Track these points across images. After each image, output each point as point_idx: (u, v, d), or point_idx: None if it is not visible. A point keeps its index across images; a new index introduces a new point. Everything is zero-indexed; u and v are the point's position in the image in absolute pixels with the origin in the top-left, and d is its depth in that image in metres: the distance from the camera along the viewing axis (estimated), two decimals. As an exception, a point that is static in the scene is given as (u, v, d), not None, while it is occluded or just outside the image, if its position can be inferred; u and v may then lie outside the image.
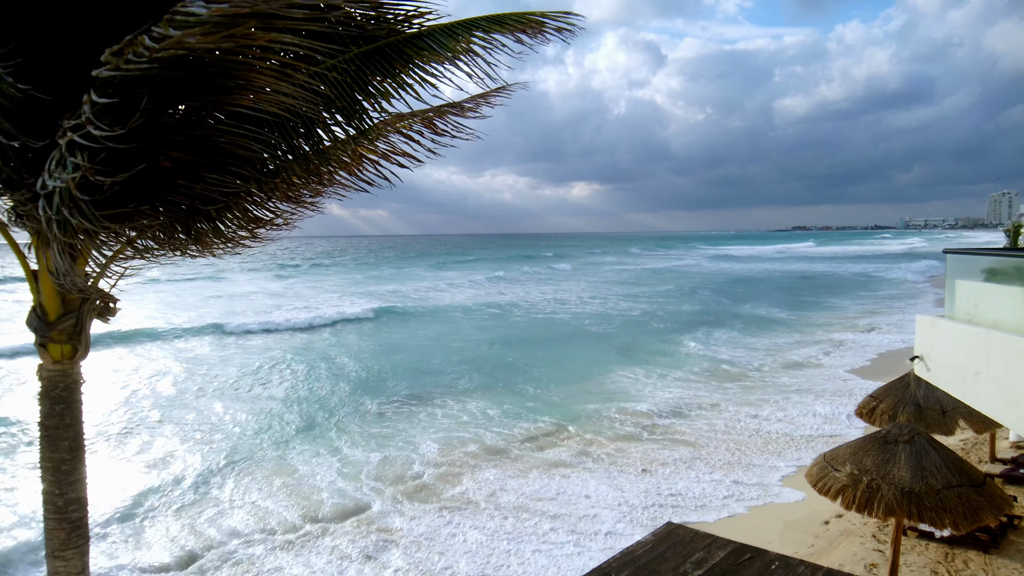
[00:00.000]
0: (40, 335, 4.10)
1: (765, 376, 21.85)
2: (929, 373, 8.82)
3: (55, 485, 4.15)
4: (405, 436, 15.89)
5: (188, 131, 3.20)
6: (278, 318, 35.17)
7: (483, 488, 12.63)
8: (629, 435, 15.84)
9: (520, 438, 15.73)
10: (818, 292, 50.39)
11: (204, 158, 3.30)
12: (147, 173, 3.05)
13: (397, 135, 4.47)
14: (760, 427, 16.19)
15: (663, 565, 4.36)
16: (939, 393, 10.43)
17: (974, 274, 8.90)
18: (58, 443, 4.14)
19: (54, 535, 4.19)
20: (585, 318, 37.61)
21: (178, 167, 3.28)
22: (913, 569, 9.27)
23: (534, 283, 62.21)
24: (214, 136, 3.25)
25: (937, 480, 7.50)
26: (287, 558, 10.11)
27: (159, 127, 3.06)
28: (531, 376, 22.19)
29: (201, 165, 3.31)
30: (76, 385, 4.24)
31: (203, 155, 3.29)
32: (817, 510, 11.23)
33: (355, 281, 64.87)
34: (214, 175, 3.37)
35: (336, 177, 4.49)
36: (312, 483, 13.02)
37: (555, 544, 10.44)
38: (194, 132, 3.21)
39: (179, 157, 3.21)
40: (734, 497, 12.17)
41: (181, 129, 3.19)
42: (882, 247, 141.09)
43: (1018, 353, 6.75)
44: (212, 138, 3.25)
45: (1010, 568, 9.14)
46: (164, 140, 3.14)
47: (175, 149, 3.19)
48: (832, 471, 8.12)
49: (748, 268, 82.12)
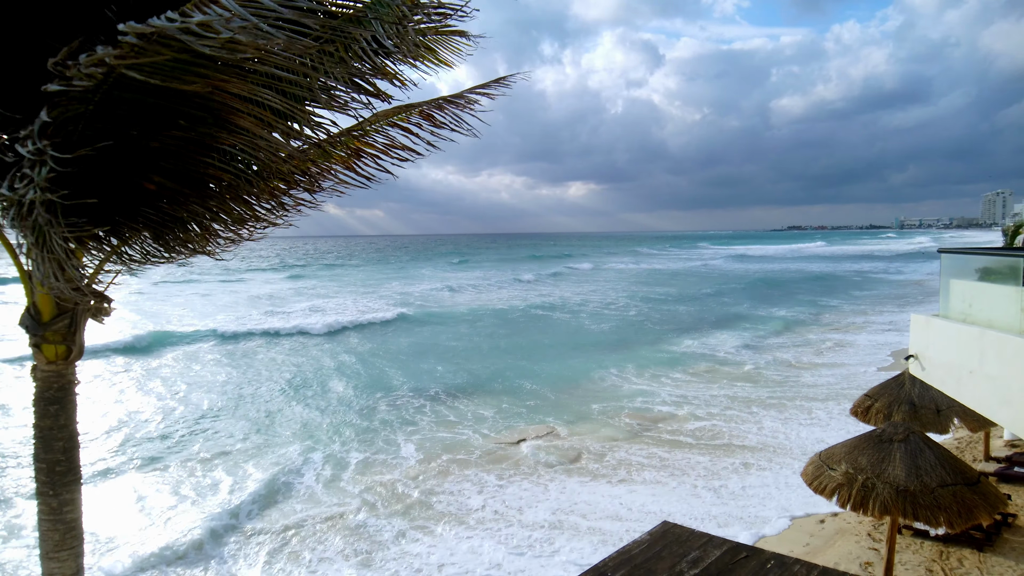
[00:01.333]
0: (34, 335, 4.08)
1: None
2: (924, 372, 8.86)
3: (49, 486, 4.13)
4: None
5: (173, 159, 3.18)
6: (342, 317, 35.16)
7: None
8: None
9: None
10: (866, 290, 49.83)
11: (187, 186, 3.29)
12: (132, 192, 3.04)
13: (395, 128, 4.43)
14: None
15: (659, 564, 4.37)
16: (934, 392, 10.48)
17: (968, 273, 8.94)
18: (52, 444, 4.12)
19: (48, 536, 4.16)
20: (642, 320, 36.39)
21: (163, 191, 3.28)
22: (908, 567, 9.31)
23: (568, 284, 61.11)
24: (200, 166, 3.24)
25: (932, 479, 7.53)
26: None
27: (146, 151, 3.05)
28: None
29: (184, 192, 3.30)
30: (70, 386, 4.22)
31: (187, 183, 3.29)
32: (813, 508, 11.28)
33: (391, 279, 64.34)
34: (197, 202, 3.36)
35: (333, 174, 4.46)
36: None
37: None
38: (179, 161, 3.20)
39: (162, 182, 3.20)
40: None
41: (167, 156, 3.18)
42: (889, 246, 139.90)
43: (1012, 352, 6.79)
44: (197, 168, 3.24)
45: (1004, 566, 9.18)
46: (150, 164, 3.13)
47: (160, 174, 3.17)
48: (827, 470, 8.15)
49: (769, 268, 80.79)
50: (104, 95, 2.63)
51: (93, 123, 2.74)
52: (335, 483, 13.13)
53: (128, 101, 2.74)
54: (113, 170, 2.97)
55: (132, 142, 2.86)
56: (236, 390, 20.90)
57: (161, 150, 3.19)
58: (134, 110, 2.79)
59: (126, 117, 2.84)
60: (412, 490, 12.69)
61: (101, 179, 2.93)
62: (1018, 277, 7.64)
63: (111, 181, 2.93)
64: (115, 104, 2.74)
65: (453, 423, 17.10)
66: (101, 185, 2.95)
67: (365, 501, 12.19)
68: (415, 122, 4.38)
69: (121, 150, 2.86)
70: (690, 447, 15.00)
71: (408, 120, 4.38)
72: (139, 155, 3.11)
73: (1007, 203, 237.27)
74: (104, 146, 2.74)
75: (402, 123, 4.39)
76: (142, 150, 3.10)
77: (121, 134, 2.76)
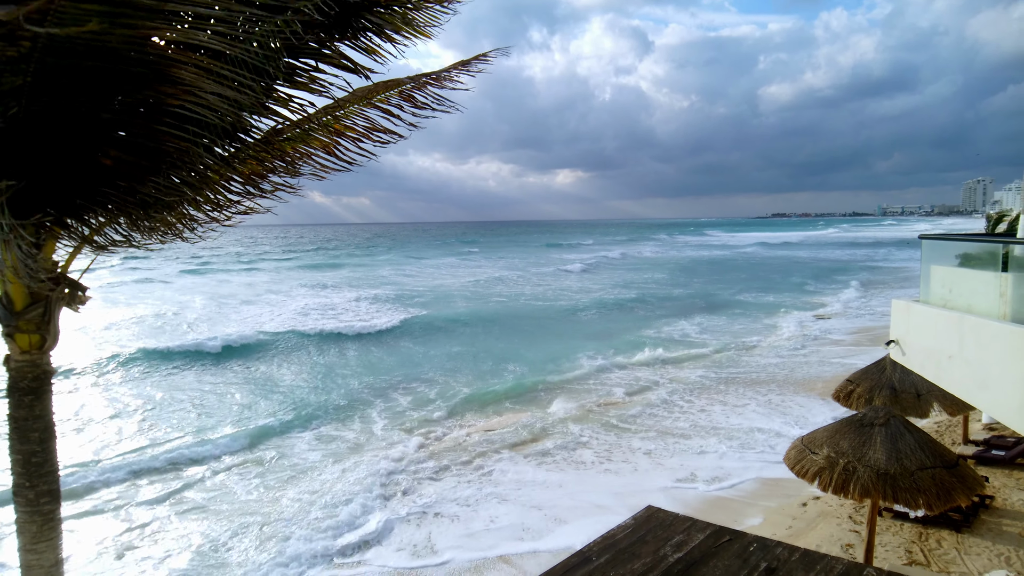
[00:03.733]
0: (6, 325, 3.99)
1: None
2: (904, 357, 8.96)
3: (25, 478, 4.06)
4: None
5: (126, 128, 3.06)
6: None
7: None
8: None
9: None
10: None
11: (144, 159, 3.17)
12: (90, 170, 2.93)
13: (375, 110, 4.33)
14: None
15: (643, 548, 4.39)
16: (914, 377, 10.61)
17: (948, 259, 9.03)
18: (28, 435, 4.05)
19: (26, 528, 4.10)
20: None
21: (121, 166, 3.16)
22: (888, 548, 9.47)
23: (622, 270, 59.61)
24: (154, 136, 3.11)
25: (912, 462, 7.64)
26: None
27: (98, 123, 2.93)
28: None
29: (141, 166, 3.18)
30: (46, 376, 4.14)
31: (143, 156, 3.16)
32: (795, 492, 11.43)
33: (456, 267, 62.97)
34: (156, 177, 3.24)
35: (312, 157, 4.37)
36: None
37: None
38: (131, 131, 3.07)
39: (119, 156, 3.08)
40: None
41: (120, 126, 3.06)
42: (895, 232, 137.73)
43: (990, 337, 6.88)
44: (152, 138, 3.12)
45: (981, 546, 9.37)
46: (105, 137, 3.01)
47: (115, 147, 3.06)
48: (810, 454, 8.24)
49: (802, 255, 77.98)
50: (38, 64, 2.53)
51: (36, 97, 2.63)
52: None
53: (66, 68, 2.63)
54: (67, 148, 2.85)
55: (82, 115, 2.74)
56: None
57: (113, 121, 3.07)
58: (75, 77, 2.66)
59: (69, 87, 2.72)
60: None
61: (56, 160, 2.81)
62: (997, 263, 7.73)
63: (67, 161, 2.81)
64: (53, 73, 2.63)
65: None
66: (56, 166, 2.84)
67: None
68: (396, 103, 4.29)
69: (72, 124, 2.74)
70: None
71: (388, 102, 4.29)
72: (91, 128, 2.99)
73: (987, 190, 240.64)
74: (55, 122, 2.62)
75: (382, 104, 4.29)
76: (93, 122, 2.98)
77: (69, 107, 2.64)
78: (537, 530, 10.56)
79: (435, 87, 4.32)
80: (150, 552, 10.14)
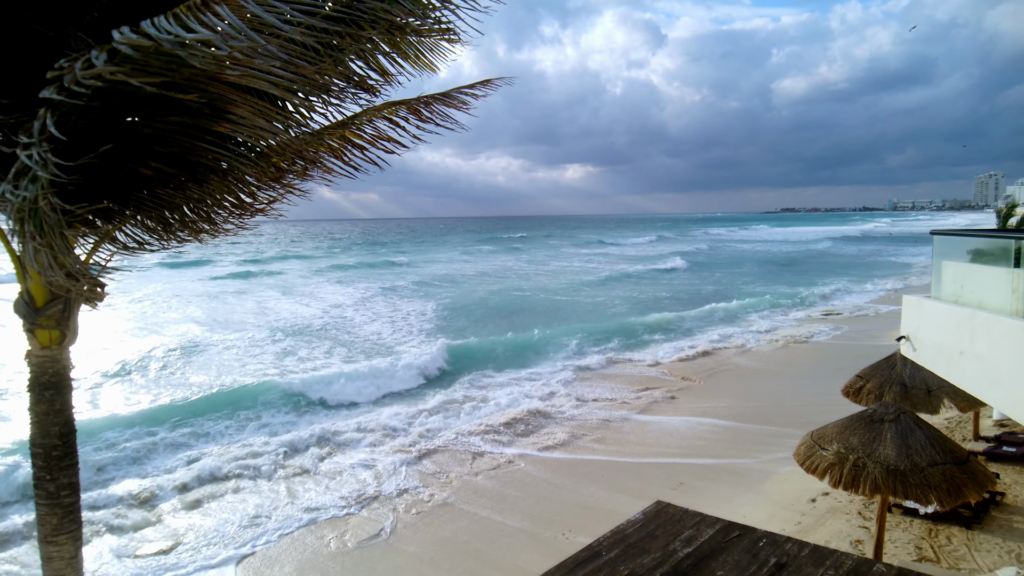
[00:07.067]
0: (28, 321, 4.07)
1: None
2: (915, 353, 8.93)
3: (46, 471, 4.14)
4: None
5: (169, 144, 3.15)
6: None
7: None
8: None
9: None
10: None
11: (184, 172, 3.27)
12: (128, 178, 3.02)
13: (383, 121, 4.50)
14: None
15: (653, 543, 4.42)
16: (925, 373, 10.57)
17: (960, 255, 8.98)
18: (48, 429, 4.13)
19: (46, 520, 4.18)
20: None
21: (159, 176, 3.25)
22: (898, 545, 9.46)
23: (725, 266, 58.46)
24: (196, 152, 3.21)
25: (922, 458, 7.62)
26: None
27: (140, 137, 3.01)
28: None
29: (180, 179, 3.28)
30: (65, 371, 4.22)
31: (183, 168, 3.26)
32: (805, 488, 11.41)
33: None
34: (194, 187, 3.34)
35: (323, 163, 4.49)
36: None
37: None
38: (174, 147, 3.17)
39: (159, 167, 3.17)
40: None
41: (163, 142, 3.15)
42: (932, 223, 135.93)
43: (1002, 333, 6.85)
44: (194, 153, 3.21)
45: (991, 543, 9.34)
46: (146, 150, 3.10)
47: (156, 160, 3.15)
48: (819, 449, 8.24)
49: (866, 249, 74.99)
50: (102, 95, 2.60)
51: (89, 115, 2.71)
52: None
53: (125, 93, 2.69)
54: (109, 158, 2.94)
55: (127, 130, 2.82)
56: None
57: (154, 136, 3.16)
58: (130, 102, 2.75)
59: (121, 108, 2.80)
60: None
61: (98, 167, 2.90)
62: (1009, 259, 7.69)
63: (107, 169, 2.90)
64: (112, 97, 2.70)
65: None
66: (98, 173, 2.92)
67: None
68: (402, 116, 4.49)
69: (117, 138, 2.82)
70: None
71: (396, 114, 4.46)
72: (134, 142, 3.08)
73: (1000, 185, 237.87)
74: (101, 136, 2.70)
75: (390, 116, 4.47)
76: (137, 137, 3.07)
77: (118, 124, 2.73)
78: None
79: (440, 105, 4.53)
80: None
